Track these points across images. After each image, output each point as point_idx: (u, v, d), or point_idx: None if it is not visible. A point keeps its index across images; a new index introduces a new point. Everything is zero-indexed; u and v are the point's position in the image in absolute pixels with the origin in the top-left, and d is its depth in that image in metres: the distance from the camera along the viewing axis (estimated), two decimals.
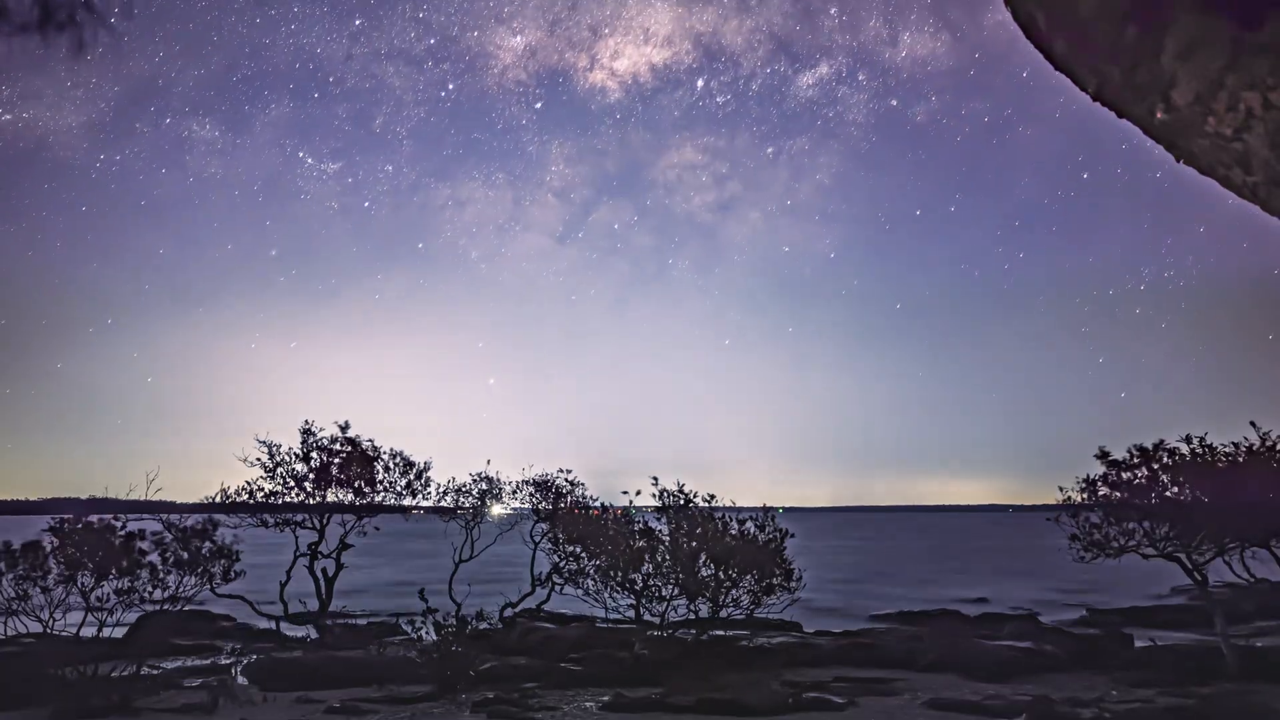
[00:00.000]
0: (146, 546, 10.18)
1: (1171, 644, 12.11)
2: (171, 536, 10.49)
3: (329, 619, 14.32)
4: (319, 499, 14.28)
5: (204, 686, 9.62)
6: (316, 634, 13.81)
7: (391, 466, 14.83)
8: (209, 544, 10.69)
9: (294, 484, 14.23)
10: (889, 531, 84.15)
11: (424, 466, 15.14)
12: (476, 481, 15.98)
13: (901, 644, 11.98)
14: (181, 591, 10.26)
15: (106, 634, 9.64)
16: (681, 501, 12.91)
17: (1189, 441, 10.99)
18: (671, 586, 11.85)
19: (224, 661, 11.96)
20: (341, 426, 14.52)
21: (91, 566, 9.77)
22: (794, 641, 12.66)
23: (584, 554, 12.86)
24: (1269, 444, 10.80)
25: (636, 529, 12.68)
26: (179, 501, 14.06)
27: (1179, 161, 1.13)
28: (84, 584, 9.73)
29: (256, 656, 11.72)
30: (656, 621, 12.01)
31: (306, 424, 14.30)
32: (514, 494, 16.07)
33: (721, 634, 12.60)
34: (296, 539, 14.25)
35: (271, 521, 14.22)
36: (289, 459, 14.26)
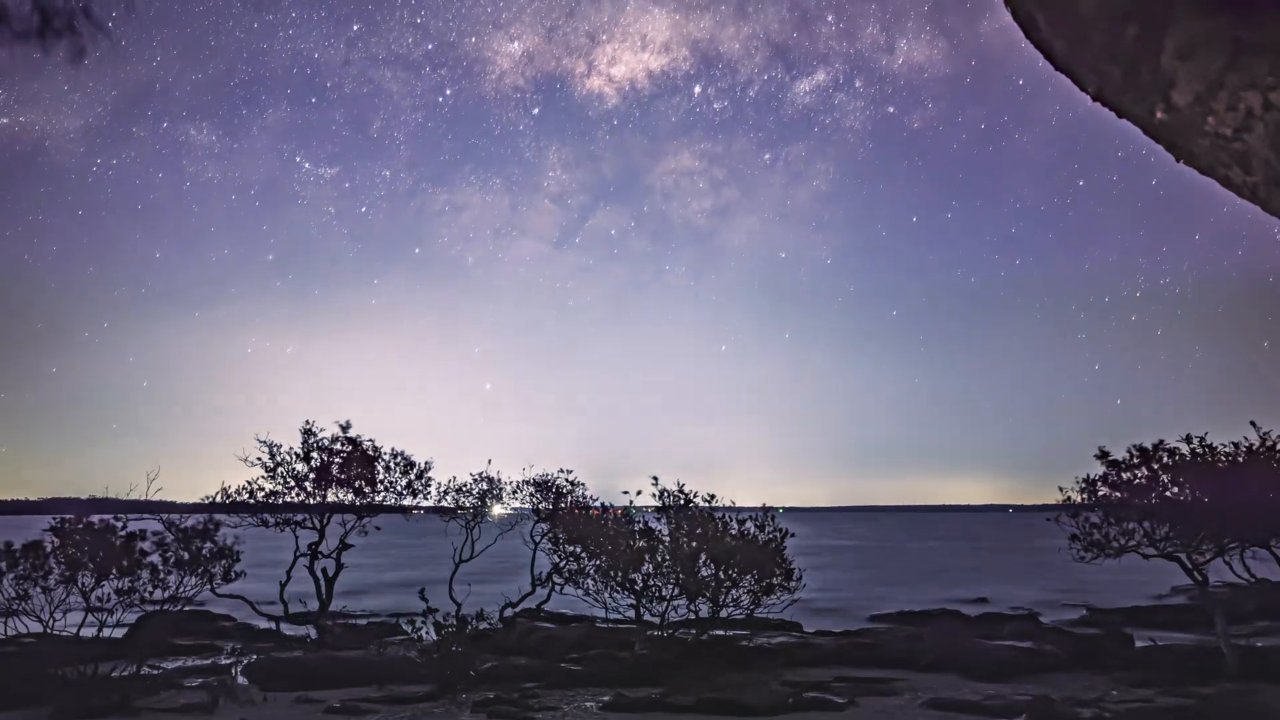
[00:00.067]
0: (147, 546, 10.17)
1: (1171, 644, 12.10)
2: (172, 536, 10.49)
3: (329, 619, 14.32)
4: (319, 499, 14.27)
5: (204, 686, 9.62)
6: (316, 634, 13.81)
7: (392, 466, 14.82)
8: (209, 544, 10.69)
9: (294, 484, 14.22)
10: (889, 531, 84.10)
11: (424, 466, 15.14)
12: (477, 481, 15.99)
13: (901, 644, 11.97)
14: (182, 591, 10.25)
15: (107, 634, 9.63)
16: (681, 501, 12.90)
17: (1189, 441, 10.99)
18: (671, 586, 11.85)
19: (224, 661, 11.97)
20: (342, 426, 14.52)
21: (92, 566, 9.76)
22: (794, 641, 12.66)
23: (584, 554, 12.86)
24: (1269, 444, 10.80)
25: (636, 529, 12.67)
26: (179, 501, 14.08)
27: (1179, 161, 1.13)
28: (84, 584, 9.72)
29: (256, 656, 11.72)
30: (656, 621, 12.00)
31: (307, 424, 14.30)
32: (514, 494, 16.08)
33: (721, 634, 12.60)
34: (297, 539, 14.24)
35: (272, 521, 14.21)
36: (289, 459, 14.26)
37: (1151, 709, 8.41)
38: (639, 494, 13.50)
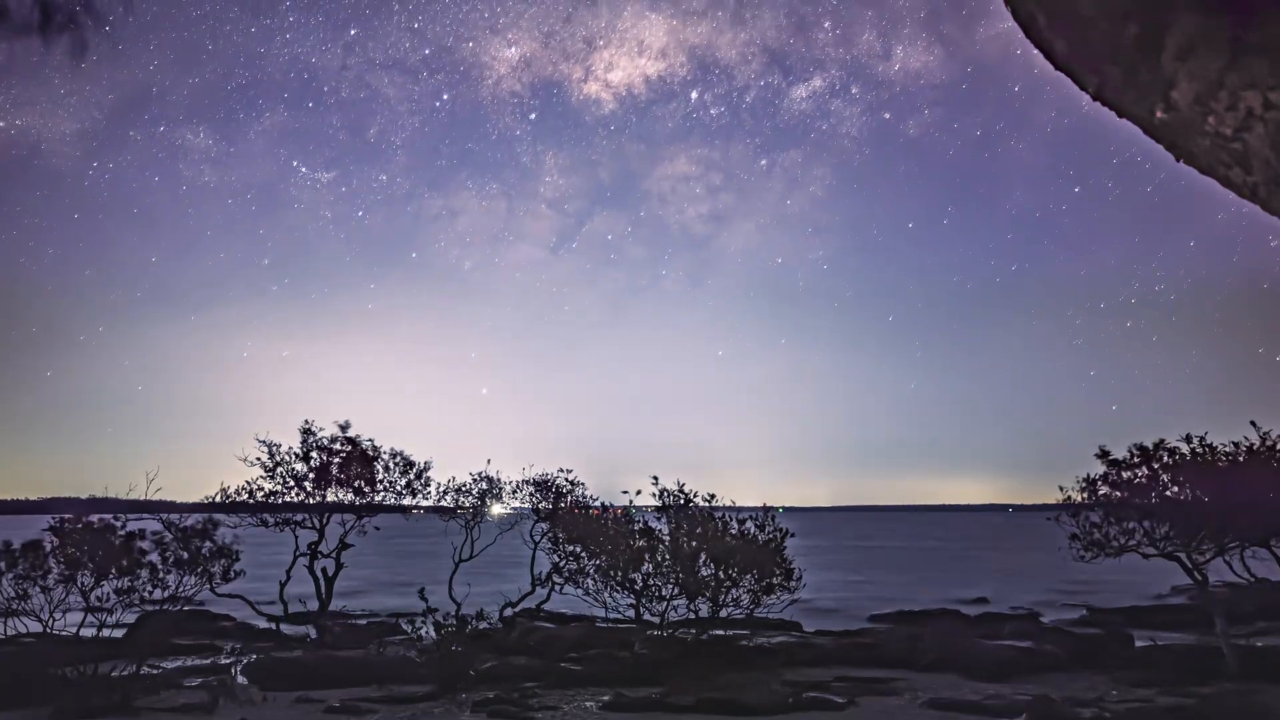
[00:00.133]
0: (146, 546, 10.17)
1: (1171, 644, 12.10)
2: (171, 536, 10.49)
3: (329, 619, 14.32)
4: (319, 498, 14.28)
5: (204, 686, 9.62)
6: (316, 634, 13.81)
7: (391, 466, 14.83)
8: (209, 543, 10.69)
9: (294, 484, 14.22)
10: (889, 531, 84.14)
11: (424, 466, 15.15)
12: (476, 481, 15.99)
13: (901, 644, 11.97)
14: (181, 591, 10.25)
15: (106, 634, 9.63)
16: (681, 501, 12.90)
17: (1189, 441, 10.99)
18: (671, 586, 11.85)
19: (224, 661, 11.97)
20: (342, 426, 14.53)
21: (91, 566, 9.76)
22: (794, 641, 12.66)
23: (584, 554, 12.86)
24: (1269, 444, 10.80)
25: (636, 529, 12.67)
26: (179, 501, 14.07)
27: (1179, 161, 1.13)
28: (84, 584, 9.73)
29: (256, 656, 11.73)
30: (656, 621, 12.00)
31: (306, 423, 14.31)
32: (514, 494, 16.08)
33: (721, 634, 12.60)
34: (296, 539, 14.24)
35: (271, 521, 14.21)
36: (289, 459, 14.26)
37: (1152, 709, 8.41)
38: (639, 494, 13.51)
